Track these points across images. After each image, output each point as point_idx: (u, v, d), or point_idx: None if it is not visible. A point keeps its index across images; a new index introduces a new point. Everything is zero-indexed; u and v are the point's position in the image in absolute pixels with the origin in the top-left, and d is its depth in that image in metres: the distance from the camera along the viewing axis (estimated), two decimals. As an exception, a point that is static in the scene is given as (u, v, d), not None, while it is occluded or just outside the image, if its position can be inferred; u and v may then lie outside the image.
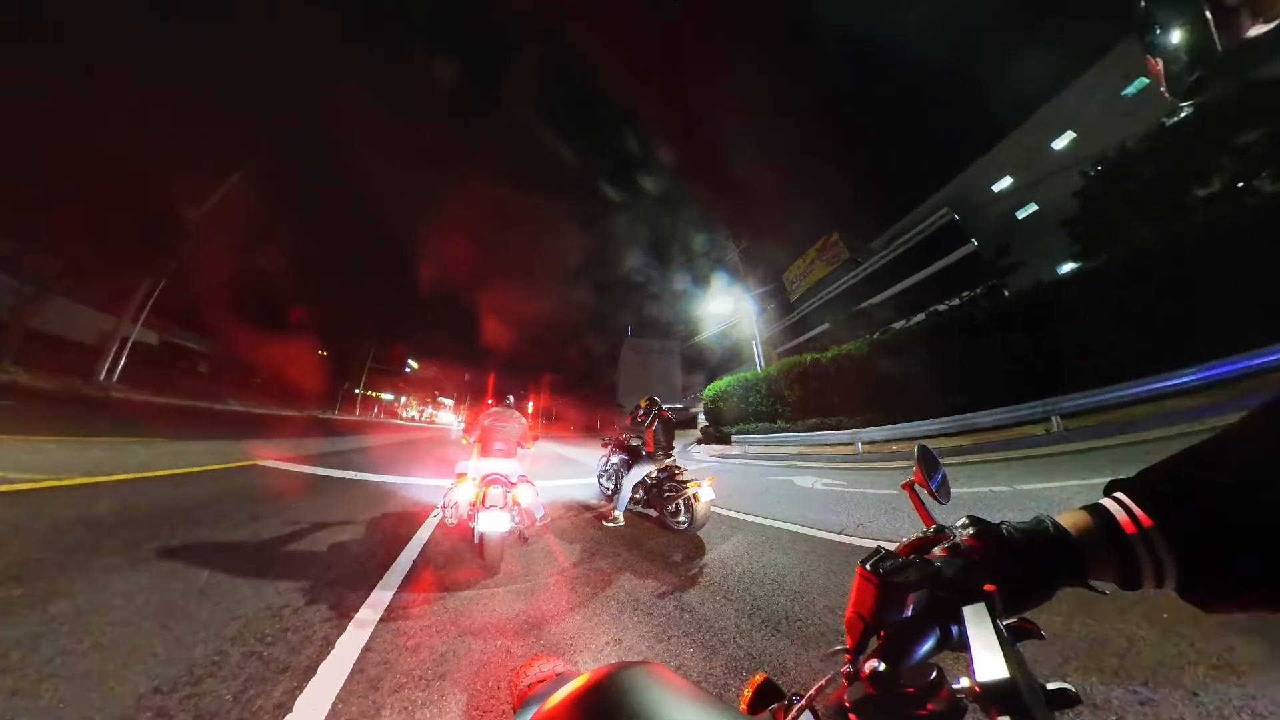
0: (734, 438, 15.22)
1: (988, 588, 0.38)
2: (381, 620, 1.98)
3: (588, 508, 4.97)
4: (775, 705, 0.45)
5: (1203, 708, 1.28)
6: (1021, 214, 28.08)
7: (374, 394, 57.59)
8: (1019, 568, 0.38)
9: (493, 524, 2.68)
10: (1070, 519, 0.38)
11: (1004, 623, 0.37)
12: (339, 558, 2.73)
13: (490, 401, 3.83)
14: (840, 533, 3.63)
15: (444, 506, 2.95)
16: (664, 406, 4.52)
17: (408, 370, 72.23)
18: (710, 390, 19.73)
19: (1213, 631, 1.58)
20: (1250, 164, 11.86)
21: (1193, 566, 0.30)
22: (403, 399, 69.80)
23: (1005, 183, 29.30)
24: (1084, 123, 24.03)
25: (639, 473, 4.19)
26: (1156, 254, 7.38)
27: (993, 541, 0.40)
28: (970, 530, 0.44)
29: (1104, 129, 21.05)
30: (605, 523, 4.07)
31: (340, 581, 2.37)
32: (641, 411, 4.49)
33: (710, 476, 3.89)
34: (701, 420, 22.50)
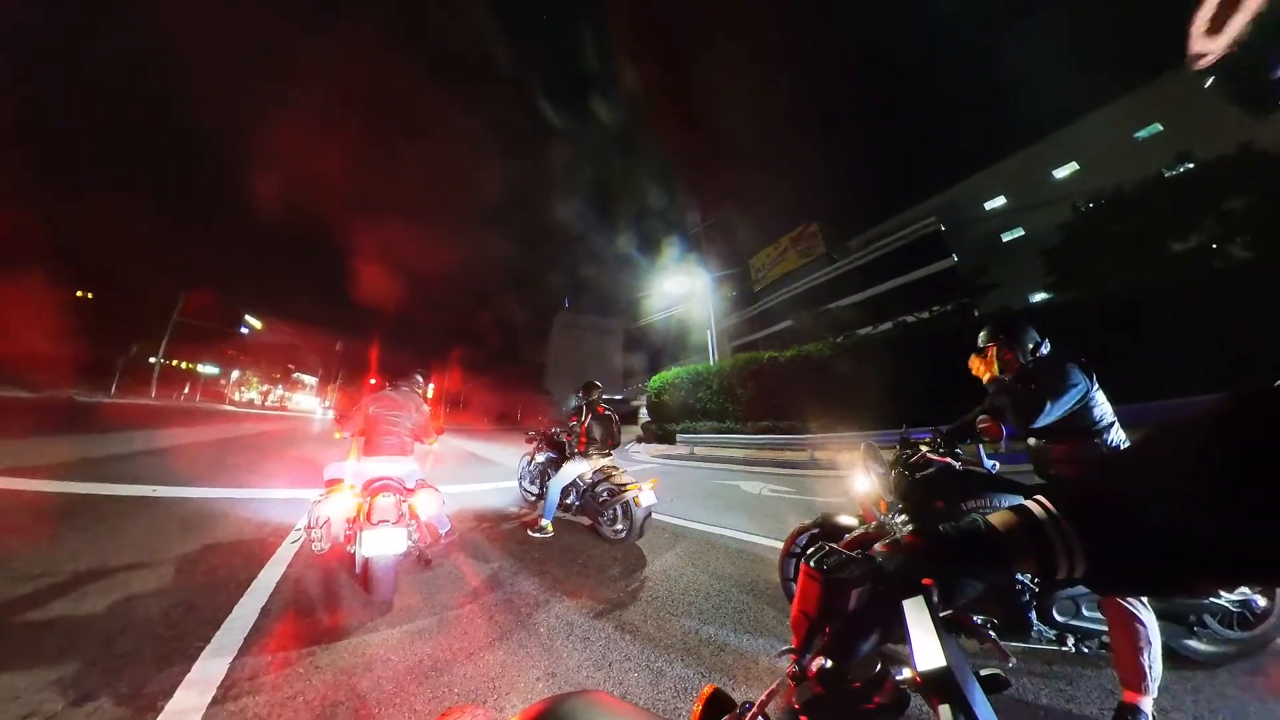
0: (679, 436, 15.66)
1: (925, 581, 0.46)
2: (214, 703, 1.64)
3: (507, 517, 4.82)
4: (726, 716, 0.48)
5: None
6: (1007, 237, 32.27)
7: (185, 365, 45.49)
8: (953, 562, 0.47)
9: (382, 545, 2.39)
10: (998, 518, 0.47)
11: (941, 614, 0.44)
12: (131, 621, 2.13)
13: (377, 381, 3.45)
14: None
15: (309, 527, 2.59)
16: (605, 396, 4.52)
17: (243, 332, 57.34)
18: (656, 381, 20.03)
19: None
20: (1229, 229, 14.90)
21: (1099, 559, 0.40)
22: (235, 374, 55.75)
23: (998, 202, 33.32)
24: (1090, 157, 27.94)
25: (570, 474, 4.13)
26: (1122, 300, 9.15)
27: (930, 538, 0.49)
28: (910, 527, 0.61)
29: (1107, 167, 24.68)
30: (530, 533, 4.01)
31: (134, 659, 1.84)
32: (578, 400, 4.43)
33: (652, 479, 3.96)
34: (644, 415, 22.87)
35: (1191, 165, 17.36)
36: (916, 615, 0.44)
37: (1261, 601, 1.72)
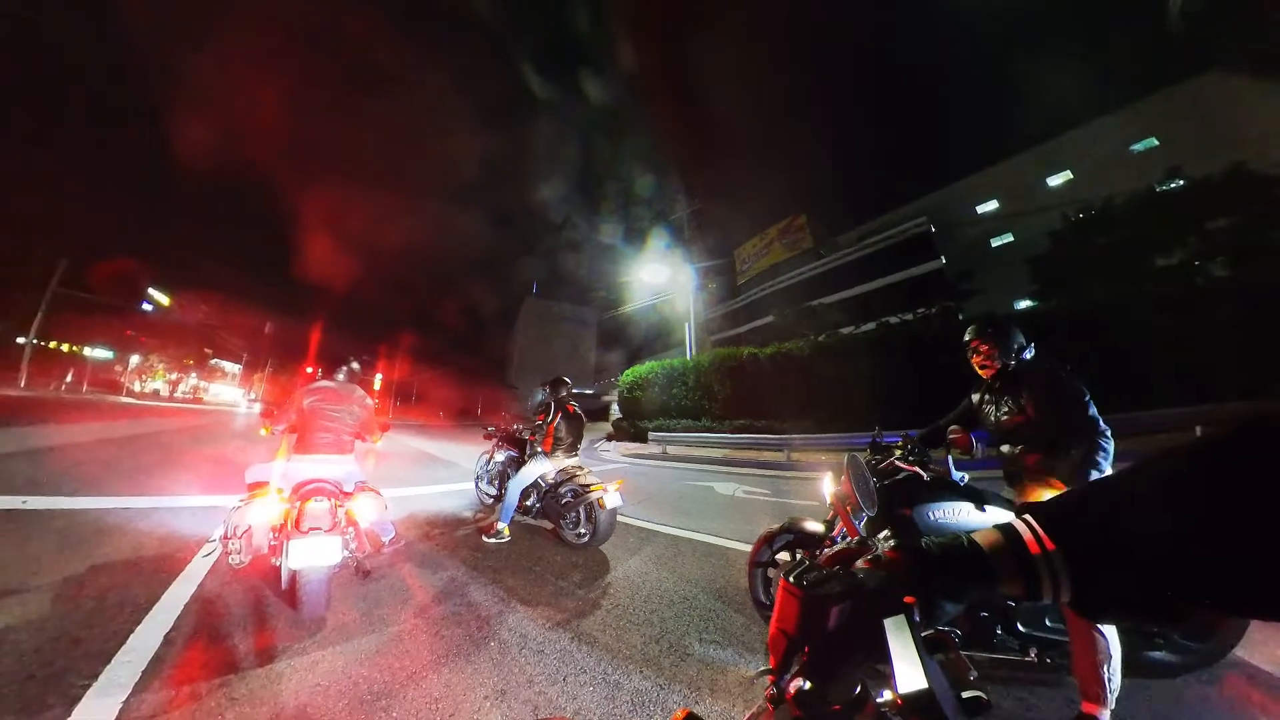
0: (651, 434, 15.73)
1: (908, 600, 0.47)
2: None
3: (462, 521, 4.71)
4: None
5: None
6: (996, 242, 34.06)
7: (68, 348, 39.75)
8: (936, 581, 0.48)
9: (312, 555, 2.26)
10: (983, 537, 0.48)
11: (922, 634, 0.45)
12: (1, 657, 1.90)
13: (314, 370, 3.25)
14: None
15: (226, 537, 2.43)
16: (574, 392, 4.49)
17: (146, 308, 50.80)
18: (629, 375, 20.05)
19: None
20: (1211, 248, 16.38)
21: (1085, 586, 0.42)
22: (135, 359, 48.94)
23: (991, 205, 35.02)
24: (1084, 167, 29.74)
25: (531, 474, 4.11)
26: (1101, 311, 10.11)
27: (913, 555, 0.50)
28: (891, 543, 0.54)
29: (1101, 179, 26.41)
30: (485, 538, 3.97)
31: (5, 702, 1.65)
32: (545, 396, 4.38)
33: (619, 479, 4.01)
34: (615, 411, 22.88)
35: (1182, 182, 18.87)
36: (898, 634, 0.45)
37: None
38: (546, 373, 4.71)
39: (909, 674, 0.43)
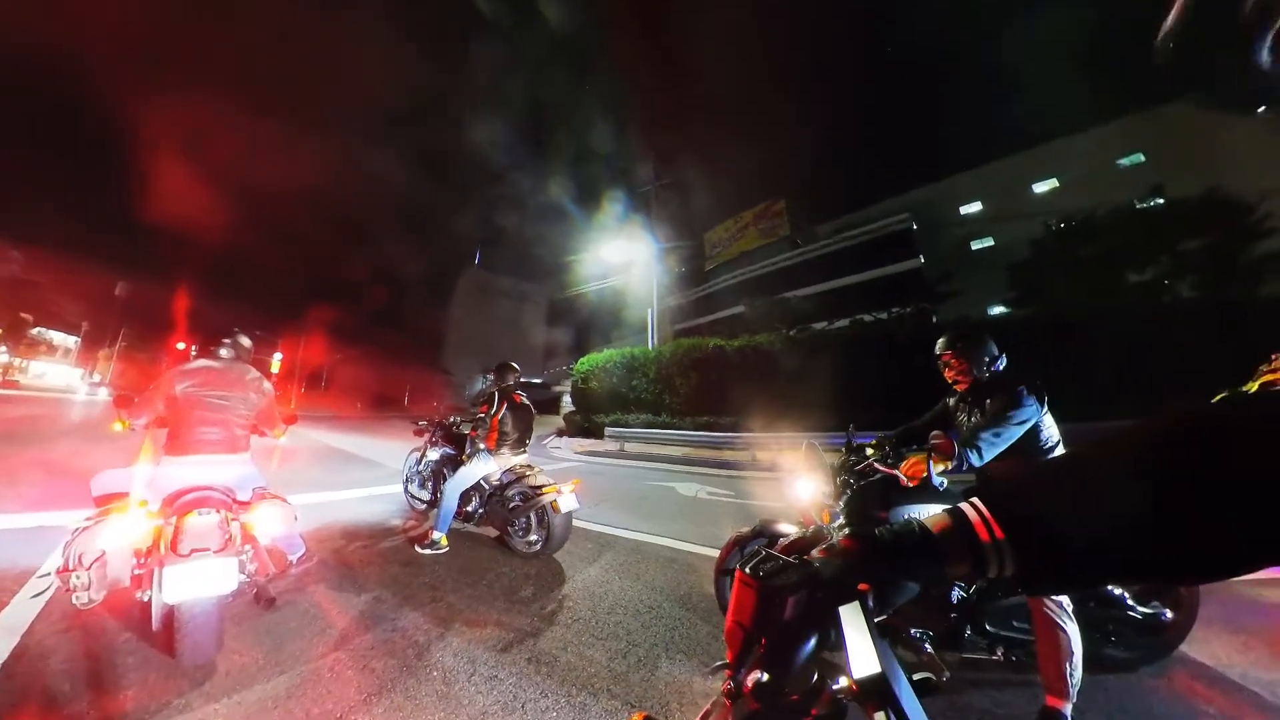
0: (608, 430, 15.79)
1: (862, 587, 0.52)
2: None
3: (389, 531, 4.52)
4: None
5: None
6: (977, 245, 36.64)
7: None
8: (890, 564, 0.55)
9: (198, 584, 1.99)
10: (932, 520, 0.56)
11: (876, 620, 0.51)
12: None
13: (187, 345, 2.90)
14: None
15: (66, 569, 2.06)
16: (521, 380, 4.43)
17: None
18: (584, 364, 19.96)
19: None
20: (1181, 268, 19.04)
21: (1029, 567, 0.50)
22: None
23: (975, 207, 37.61)
24: (1071, 176, 32.48)
25: (473, 475, 4.01)
26: (1074, 321, 11.44)
27: (866, 542, 0.56)
28: (846, 531, 0.71)
29: (1086, 189, 28.99)
30: (419, 549, 3.84)
31: None
32: (488, 384, 4.31)
33: (574, 480, 3.98)
34: (567, 404, 22.75)
35: (1162, 200, 21.61)
36: (853, 621, 0.50)
37: (1169, 613, 2.16)
38: (489, 357, 4.64)
39: (864, 659, 0.48)
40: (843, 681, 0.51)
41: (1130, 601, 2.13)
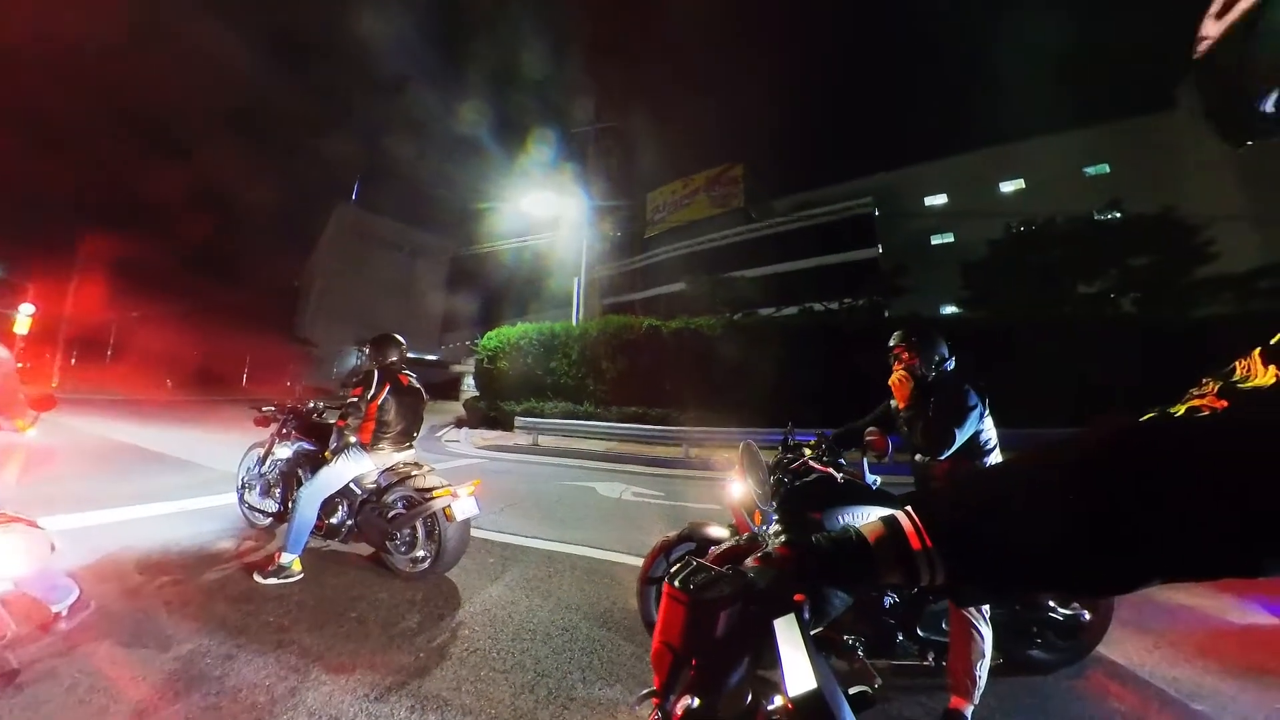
0: (518, 420, 15.54)
1: (797, 597, 0.55)
2: None
3: (214, 557, 4.04)
4: None
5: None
6: (937, 240, 40.32)
7: None
8: (825, 576, 0.60)
9: None
10: (868, 529, 0.61)
11: (812, 632, 0.54)
12: None
13: None
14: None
15: None
16: (410, 357, 4.29)
17: None
18: (492, 339, 19.43)
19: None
20: (1128, 283, 22.56)
21: (958, 577, 0.57)
22: None
23: (939, 200, 41.17)
24: (1038, 178, 36.60)
25: (340, 477, 3.77)
26: (1018, 327, 13.34)
27: (804, 550, 0.61)
28: (782, 539, 0.78)
29: (1050, 194, 32.76)
30: (259, 579, 3.47)
31: None
32: (364, 360, 4.14)
33: (474, 480, 3.84)
34: (469, 387, 22.15)
35: (1119, 215, 25.23)
36: (788, 634, 0.53)
37: (1087, 615, 2.52)
38: (367, 326, 4.40)
39: (799, 676, 0.50)
40: (778, 701, 0.53)
41: (1051, 603, 2.46)
